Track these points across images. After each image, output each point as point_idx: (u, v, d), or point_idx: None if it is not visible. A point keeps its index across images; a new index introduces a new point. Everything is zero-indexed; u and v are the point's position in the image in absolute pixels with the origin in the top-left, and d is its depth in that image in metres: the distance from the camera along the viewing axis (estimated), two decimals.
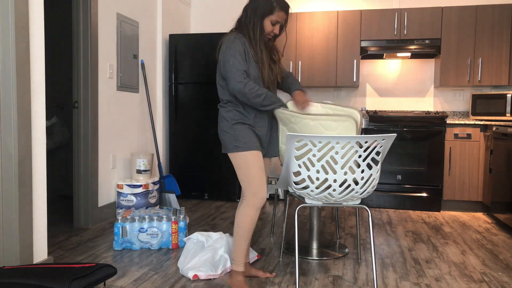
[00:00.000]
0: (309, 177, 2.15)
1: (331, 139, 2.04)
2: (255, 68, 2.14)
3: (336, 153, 2.08)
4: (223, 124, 2.18)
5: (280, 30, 2.22)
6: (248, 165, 2.10)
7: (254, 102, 2.07)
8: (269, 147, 2.30)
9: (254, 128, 2.18)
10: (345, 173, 2.13)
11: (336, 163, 2.11)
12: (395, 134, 2.09)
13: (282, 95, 4.52)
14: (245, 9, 2.16)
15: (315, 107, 2.29)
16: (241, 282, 2.15)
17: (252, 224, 2.14)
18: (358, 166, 2.16)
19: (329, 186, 2.15)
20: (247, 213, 2.13)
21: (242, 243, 2.16)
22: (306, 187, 2.21)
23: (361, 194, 2.21)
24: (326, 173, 2.12)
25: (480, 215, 4.10)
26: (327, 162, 2.10)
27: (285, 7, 2.15)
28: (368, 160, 2.12)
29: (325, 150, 2.07)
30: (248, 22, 2.13)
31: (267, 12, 2.10)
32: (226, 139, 2.15)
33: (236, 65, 2.04)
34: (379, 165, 2.19)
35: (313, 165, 2.11)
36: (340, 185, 2.15)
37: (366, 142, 2.07)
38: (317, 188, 2.18)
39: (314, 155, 2.09)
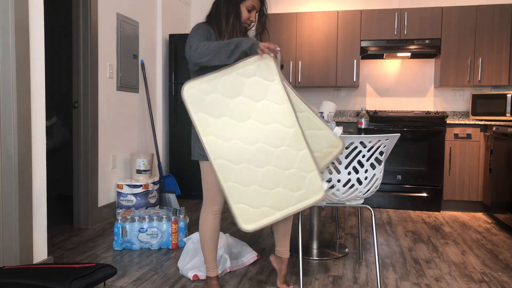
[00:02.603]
0: None
1: None
2: None
3: (340, 153, 2.08)
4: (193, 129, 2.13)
5: (260, 18, 2.13)
6: (206, 175, 2.08)
7: (218, 52, 1.87)
8: None
9: None
10: (349, 173, 2.13)
11: (340, 163, 2.11)
12: (399, 134, 2.09)
13: None
14: (217, 2, 2.08)
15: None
16: (215, 287, 2.15)
17: (213, 230, 2.13)
18: (362, 165, 2.16)
19: (333, 186, 2.15)
20: (204, 220, 2.12)
21: (208, 250, 2.14)
22: None
23: (364, 193, 2.21)
24: (330, 173, 2.13)
25: (480, 215, 4.10)
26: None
27: None
28: (372, 160, 2.13)
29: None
30: (220, 11, 2.04)
31: None
32: (192, 145, 2.13)
33: (195, 42, 1.93)
34: (382, 164, 2.19)
35: None
36: (344, 185, 2.15)
37: (370, 142, 2.07)
38: None
39: None
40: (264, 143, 1.94)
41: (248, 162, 1.93)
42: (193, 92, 1.95)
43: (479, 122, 4.11)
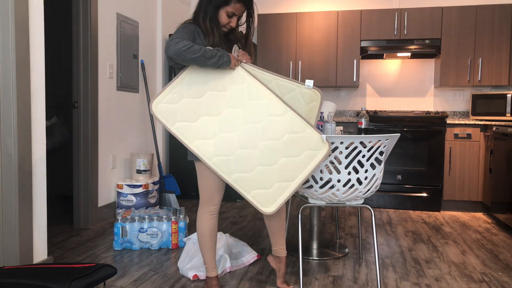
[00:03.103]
0: (313, 177, 2.16)
1: (335, 139, 2.04)
2: None
3: (340, 153, 2.09)
4: None
5: (248, 23, 2.11)
6: (201, 175, 2.08)
7: (194, 58, 1.85)
8: None
9: None
10: (349, 173, 2.13)
11: (340, 163, 2.11)
12: (399, 134, 2.09)
13: None
14: (200, 1, 2.07)
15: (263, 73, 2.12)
16: (215, 287, 2.16)
17: (211, 231, 2.13)
18: (362, 165, 2.16)
19: (333, 186, 2.15)
20: (202, 221, 2.12)
21: (207, 250, 2.15)
22: (310, 187, 2.21)
23: (364, 193, 2.21)
24: (330, 173, 2.13)
25: (480, 215, 4.10)
26: (330, 162, 2.10)
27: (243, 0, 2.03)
28: (372, 160, 2.13)
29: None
30: (202, 12, 2.03)
31: (222, 2, 2.00)
32: None
33: (178, 38, 1.89)
34: (382, 164, 2.19)
35: None
36: (344, 185, 2.15)
37: (370, 142, 2.07)
38: (321, 188, 2.18)
39: None
40: (246, 123, 1.95)
41: (240, 148, 1.94)
42: (162, 106, 1.97)
43: (479, 122, 4.11)
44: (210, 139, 1.96)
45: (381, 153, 2.16)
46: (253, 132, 1.95)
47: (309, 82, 1.99)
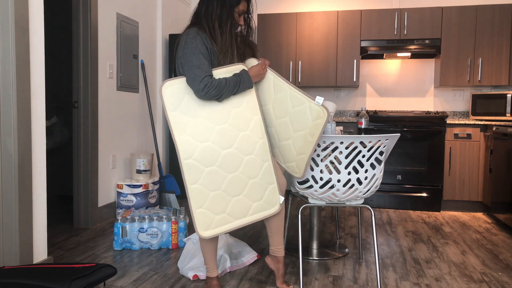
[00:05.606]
0: (313, 177, 2.16)
1: (335, 139, 2.04)
2: (220, 62, 2.05)
3: (340, 153, 2.09)
4: None
5: (245, 21, 2.16)
6: None
7: (225, 94, 1.98)
8: None
9: None
10: (349, 173, 2.13)
11: (340, 163, 2.11)
12: (399, 134, 2.09)
13: None
14: (206, 1, 2.07)
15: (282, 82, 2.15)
16: (215, 287, 2.16)
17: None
18: (362, 165, 2.16)
19: (333, 186, 2.16)
20: None
21: (208, 251, 2.15)
22: (310, 187, 2.21)
23: (364, 193, 2.21)
24: (330, 173, 2.13)
25: (480, 215, 4.10)
26: (330, 162, 2.10)
27: None
28: (372, 160, 2.13)
29: (328, 150, 2.08)
30: (212, 13, 2.03)
31: (235, 2, 2.05)
32: None
33: (199, 69, 1.93)
34: (382, 164, 2.19)
35: (317, 165, 2.12)
36: (344, 185, 2.15)
37: (370, 142, 2.07)
38: (321, 188, 2.18)
39: (318, 155, 2.10)
40: (236, 149, 2.00)
41: (218, 166, 1.98)
42: (172, 89, 1.99)
43: (479, 122, 4.11)
44: (198, 141, 1.96)
45: (381, 153, 2.17)
46: (236, 160, 2.00)
47: (319, 99, 1.99)
